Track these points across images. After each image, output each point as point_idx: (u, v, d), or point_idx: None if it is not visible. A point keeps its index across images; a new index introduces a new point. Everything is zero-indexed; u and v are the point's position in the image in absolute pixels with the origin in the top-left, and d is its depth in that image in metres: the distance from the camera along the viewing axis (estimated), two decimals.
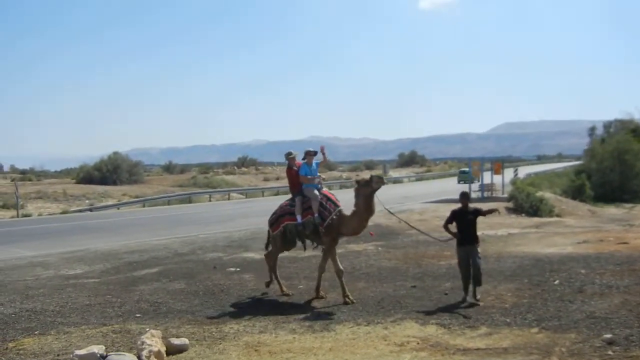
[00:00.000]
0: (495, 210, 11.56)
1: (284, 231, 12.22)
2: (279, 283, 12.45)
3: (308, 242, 12.45)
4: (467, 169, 42.28)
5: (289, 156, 12.45)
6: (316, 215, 11.63)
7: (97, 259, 17.39)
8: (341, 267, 11.60)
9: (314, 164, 12.08)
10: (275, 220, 12.43)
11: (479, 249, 11.23)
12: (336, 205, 11.69)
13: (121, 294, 12.50)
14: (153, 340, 7.92)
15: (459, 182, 46.82)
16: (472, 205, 11.45)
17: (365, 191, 11.17)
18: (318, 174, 12.16)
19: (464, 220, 11.15)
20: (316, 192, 11.82)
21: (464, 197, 11.41)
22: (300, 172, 12.02)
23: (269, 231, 12.66)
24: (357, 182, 11.61)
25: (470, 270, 10.89)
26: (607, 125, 64.82)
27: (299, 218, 11.91)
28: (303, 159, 12.16)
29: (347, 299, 11.17)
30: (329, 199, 11.82)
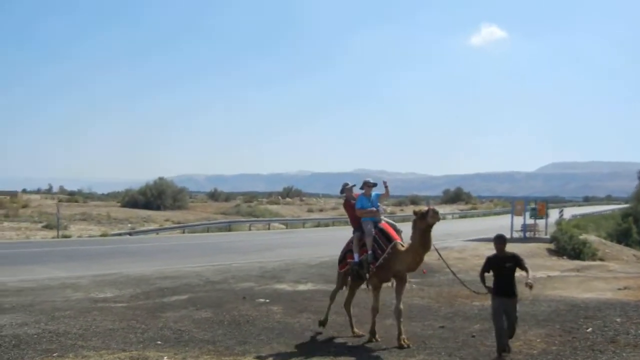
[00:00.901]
0: (530, 283, 9.34)
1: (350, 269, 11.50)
2: (325, 317, 11.96)
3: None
4: (535, 206, 42.77)
5: (345, 187, 11.83)
6: (369, 252, 10.89)
7: (129, 283, 17.42)
8: (379, 305, 10.94)
9: (373, 195, 11.29)
10: (343, 257, 11.81)
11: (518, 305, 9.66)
12: (390, 241, 10.86)
13: (146, 319, 12.41)
14: None
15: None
16: (510, 251, 9.79)
17: (421, 225, 10.24)
18: (379, 205, 11.34)
19: (500, 268, 9.59)
20: (370, 226, 11.01)
21: (499, 241, 9.75)
22: (357, 205, 11.26)
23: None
24: (415, 213, 10.53)
25: (504, 324, 9.45)
26: None
27: (356, 257, 11.21)
28: (361, 188, 11.39)
29: (374, 338, 10.83)
30: (383, 232, 11.02)
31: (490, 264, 9.71)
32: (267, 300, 14.98)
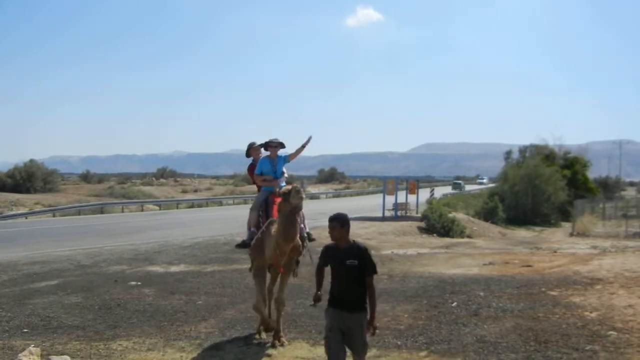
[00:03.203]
0: (374, 328, 6.12)
1: None
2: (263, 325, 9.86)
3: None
4: (459, 181, 44.38)
5: (251, 146, 10.09)
6: (252, 229, 9.24)
7: None
8: (261, 299, 9.34)
9: (279, 158, 9.58)
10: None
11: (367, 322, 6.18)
12: (269, 217, 9.05)
13: (13, 307, 12.03)
14: (31, 358, 7.67)
15: (453, 190, 48.32)
16: (359, 241, 6.49)
17: (284, 208, 8.26)
18: (283, 170, 9.70)
19: (340, 266, 6.18)
20: (262, 197, 9.39)
21: (334, 222, 6.28)
22: (256, 171, 9.62)
23: None
24: (279, 194, 8.51)
25: (340, 350, 6.10)
26: (523, 150, 66.88)
27: (246, 235, 9.54)
28: (265, 149, 9.70)
29: (259, 335, 9.72)
30: (268, 206, 9.22)
31: (328, 255, 6.39)
32: (139, 283, 14.82)
